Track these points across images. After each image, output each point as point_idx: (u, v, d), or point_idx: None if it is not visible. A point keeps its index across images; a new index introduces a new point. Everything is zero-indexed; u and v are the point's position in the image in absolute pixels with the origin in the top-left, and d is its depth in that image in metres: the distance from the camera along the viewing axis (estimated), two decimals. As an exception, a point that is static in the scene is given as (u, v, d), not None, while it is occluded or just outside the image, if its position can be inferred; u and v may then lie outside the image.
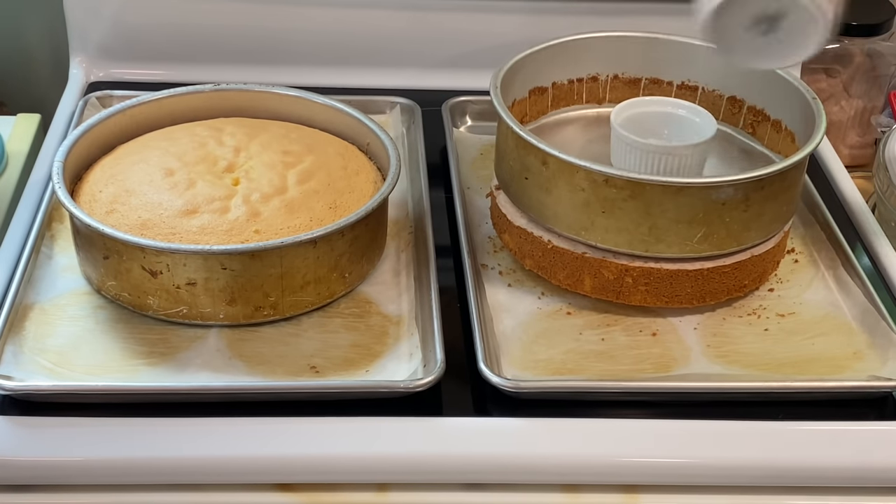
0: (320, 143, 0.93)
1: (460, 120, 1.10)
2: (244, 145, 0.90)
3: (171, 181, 0.86)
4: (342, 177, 0.89)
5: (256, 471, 0.75)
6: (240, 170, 0.88)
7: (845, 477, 0.77)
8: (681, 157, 0.87)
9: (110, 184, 0.87)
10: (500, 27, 1.15)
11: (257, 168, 0.88)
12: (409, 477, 0.76)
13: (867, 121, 1.25)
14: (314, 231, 0.81)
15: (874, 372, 0.82)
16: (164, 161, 0.88)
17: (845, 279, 0.90)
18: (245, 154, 0.90)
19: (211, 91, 0.96)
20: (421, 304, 0.85)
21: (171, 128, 0.94)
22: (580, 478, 0.77)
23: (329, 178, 0.88)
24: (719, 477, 0.77)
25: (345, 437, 0.76)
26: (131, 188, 0.85)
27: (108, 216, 0.84)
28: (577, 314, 0.87)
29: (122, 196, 0.85)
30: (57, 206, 0.93)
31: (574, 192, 0.84)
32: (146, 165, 0.88)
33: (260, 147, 0.90)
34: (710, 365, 0.83)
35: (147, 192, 0.85)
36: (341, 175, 0.89)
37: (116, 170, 0.88)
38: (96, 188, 0.87)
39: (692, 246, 0.84)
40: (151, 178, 0.86)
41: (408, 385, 0.77)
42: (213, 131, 0.92)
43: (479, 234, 0.94)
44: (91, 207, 0.85)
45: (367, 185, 0.89)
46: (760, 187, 0.83)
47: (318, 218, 0.84)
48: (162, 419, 0.76)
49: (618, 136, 0.89)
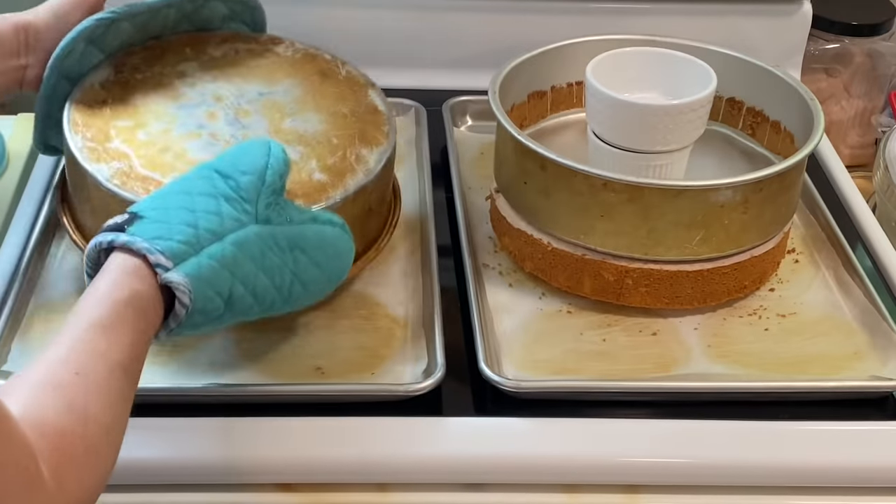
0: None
1: (461, 120, 1.10)
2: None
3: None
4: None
5: (257, 471, 0.75)
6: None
7: (845, 477, 0.77)
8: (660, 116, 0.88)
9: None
10: (500, 27, 1.16)
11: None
12: (410, 477, 0.76)
13: (867, 121, 1.25)
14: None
15: (874, 372, 0.82)
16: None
17: (846, 279, 0.90)
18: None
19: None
20: (424, 307, 0.85)
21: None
22: (580, 478, 0.77)
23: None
24: (719, 477, 0.77)
25: (346, 437, 0.76)
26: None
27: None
28: (577, 314, 0.87)
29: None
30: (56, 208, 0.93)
31: (573, 197, 0.84)
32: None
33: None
34: (710, 365, 0.83)
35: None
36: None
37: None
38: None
39: (691, 248, 0.84)
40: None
41: (407, 389, 0.77)
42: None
43: (479, 233, 0.94)
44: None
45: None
46: (759, 189, 0.83)
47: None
48: (162, 419, 0.76)
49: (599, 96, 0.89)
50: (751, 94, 0.98)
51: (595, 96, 0.89)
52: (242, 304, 0.70)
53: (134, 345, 0.64)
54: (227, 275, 0.68)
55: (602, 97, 0.88)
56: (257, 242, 0.70)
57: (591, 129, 0.91)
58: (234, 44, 0.92)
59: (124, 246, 0.66)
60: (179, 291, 0.66)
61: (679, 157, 0.90)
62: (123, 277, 0.65)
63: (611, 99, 0.87)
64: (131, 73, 0.87)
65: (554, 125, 1.01)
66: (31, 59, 0.83)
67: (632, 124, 0.88)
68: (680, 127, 0.87)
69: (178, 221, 0.68)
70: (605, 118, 0.89)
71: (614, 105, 0.88)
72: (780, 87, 0.94)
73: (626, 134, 0.88)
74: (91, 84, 0.85)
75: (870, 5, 1.25)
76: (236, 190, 0.70)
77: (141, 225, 0.67)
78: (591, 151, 0.92)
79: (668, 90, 0.91)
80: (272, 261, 0.71)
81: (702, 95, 0.87)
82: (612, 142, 0.89)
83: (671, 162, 0.89)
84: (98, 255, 0.68)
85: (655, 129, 0.87)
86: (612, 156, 0.89)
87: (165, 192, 0.71)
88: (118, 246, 0.67)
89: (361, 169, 0.83)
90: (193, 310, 0.67)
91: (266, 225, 0.71)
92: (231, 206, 0.70)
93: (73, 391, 0.59)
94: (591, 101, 0.90)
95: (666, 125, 0.87)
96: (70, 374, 0.60)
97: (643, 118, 0.87)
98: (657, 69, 0.92)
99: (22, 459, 0.54)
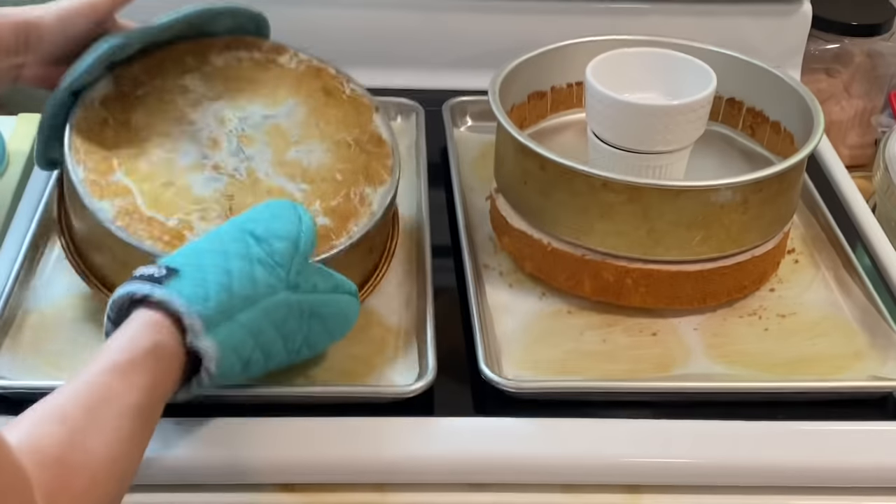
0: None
1: (460, 120, 1.10)
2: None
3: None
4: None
5: (257, 471, 0.75)
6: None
7: (845, 477, 0.77)
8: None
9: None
10: (500, 27, 1.16)
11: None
12: (410, 477, 0.76)
13: (867, 121, 1.25)
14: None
15: (874, 372, 0.82)
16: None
17: (846, 279, 0.90)
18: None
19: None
20: (419, 312, 0.85)
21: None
22: (580, 478, 0.77)
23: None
24: (719, 477, 0.77)
25: (345, 437, 0.76)
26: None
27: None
28: (577, 314, 0.87)
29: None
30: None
31: (573, 197, 0.84)
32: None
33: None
34: (710, 365, 0.83)
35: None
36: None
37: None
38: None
39: (691, 249, 0.84)
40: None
41: (397, 392, 0.77)
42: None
43: (479, 234, 0.94)
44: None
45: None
46: (759, 189, 0.83)
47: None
48: (162, 419, 0.76)
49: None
50: (751, 94, 0.98)
51: (595, 97, 0.89)
52: (256, 366, 0.71)
53: (151, 391, 0.64)
54: (252, 342, 0.70)
55: (602, 97, 0.88)
56: (283, 310, 0.71)
57: (590, 129, 0.91)
58: (236, 51, 0.90)
59: (160, 303, 0.67)
60: (207, 358, 0.67)
61: (679, 158, 0.90)
62: (149, 328, 0.66)
63: (611, 99, 0.87)
64: (132, 87, 0.85)
65: (554, 125, 1.01)
66: (28, 58, 0.83)
67: (632, 125, 0.88)
68: (680, 127, 0.87)
69: (214, 283, 0.68)
70: (605, 118, 0.89)
71: (614, 105, 0.88)
72: (780, 88, 0.94)
73: (626, 134, 0.88)
74: (91, 101, 0.83)
75: (870, 5, 1.25)
76: (270, 255, 0.71)
77: (178, 282, 0.67)
78: (591, 152, 0.92)
79: (668, 90, 0.91)
80: (290, 326, 0.72)
81: (702, 96, 0.87)
82: (611, 142, 0.89)
83: (671, 162, 0.89)
84: (123, 303, 0.68)
85: (655, 130, 0.87)
86: (612, 156, 0.89)
87: (200, 250, 0.71)
88: (153, 301, 0.67)
89: (365, 212, 0.82)
90: (215, 376, 0.68)
91: (294, 292, 0.71)
92: (265, 271, 0.70)
93: (78, 425, 0.60)
94: (590, 101, 0.90)
95: (666, 125, 0.87)
96: (78, 409, 0.60)
97: (643, 118, 0.87)
98: (657, 69, 0.92)
99: (16, 485, 0.53)
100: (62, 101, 0.82)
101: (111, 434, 0.61)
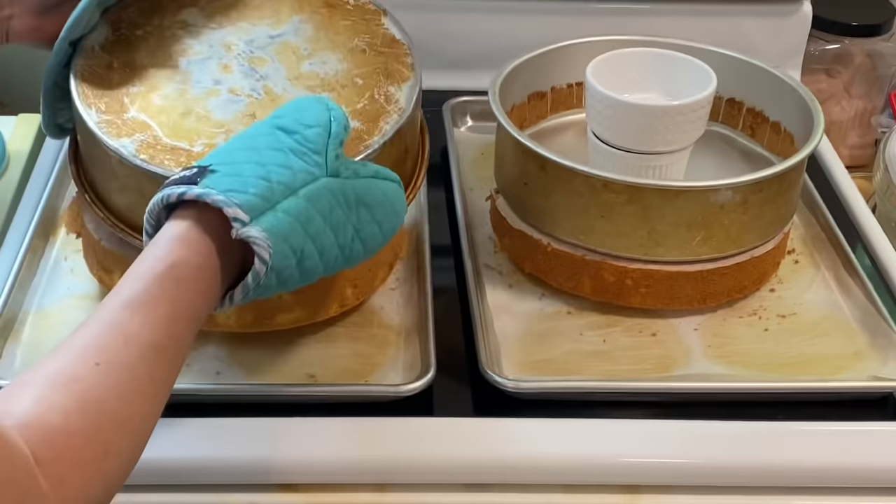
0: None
1: (461, 120, 1.10)
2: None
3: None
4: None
5: (257, 471, 0.75)
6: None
7: (845, 477, 0.77)
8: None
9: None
10: (500, 27, 1.16)
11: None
12: (410, 477, 0.76)
13: (867, 121, 1.25)
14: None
15: (874, 372, 0.82)
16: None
17: (846, 279, 0.90)
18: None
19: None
20: (419, 311, 0.85)
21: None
22: (580, 478, 0.77)
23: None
24: (719, 477, 0.77)
25: (345, 437, 0.76)
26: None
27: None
28: (577, 315, 0.87)
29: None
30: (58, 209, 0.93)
31: (573, 197, 0.84)
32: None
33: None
34: (710, 365, 0.83)
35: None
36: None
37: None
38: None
39: (691, 249, 0.84)
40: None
41: (398, 391, 0.77)
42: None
43: (480, 234, 0.94)
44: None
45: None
46: (759, 190, 0.83)
47: None
48: (162, 419, 0.75)
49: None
50: (751, 94, 0.98)
51: (595, 97, 0.89)
52: (311, 262, 0.67)
53: (172, 323, 0.60)
54: (301, 230, 0.65)
55: (602, 98, 0.88)
56: (327, 196, 0.67)
57: (590, 129, 0.91)
58: None
59: (197, 200, 0.63)
60: (259, 247, 0.63)
61: (679, 158, 0.90)
62: (170, 245, 0.62)
63: (611, 99, 0.87)
64: (130, 29, 0.83)
65: (554, 126, 1.01)
66: (15, 9, 0.80)
67: (632, 125, 0.88)
68: (680, 127, 0.87)
69: (250, 174, 0.64)
70: (605, 119, 0.89)
71: (614, 106, 0.88)
72: (780, 88, 0.94)
73: (626, 134, 0.88)
74: (91, 47, 0.81)
75: (870, 5, 1.25)
76: (303, 143, 0.67)
77: (213, 178, 0.64)
78: (591, 152, 0.92)
79: (668, 91, 0.91)
80: (338, 217, 0.68)
81: (702, 96, 0.87)
82: (612, 142, 0.89)
83: (671, 162, 0.89)
84: (159, 213, 0.65)
85: (655, 130, 0.87)
86: (612, 156, 0.89)
87: (231, 148, 0.68)
88: (189, 199, 0.63)
89: (394, 109, 0.79)
90: (271, 268, 0.64)
91: (336, 178, 0.68)
92: (301, 159, 0.67)
93: (88, 385, 0.55)
94: (590, 101, 0.90)
95: (666, 126, 0.87)
96: (89, 365, 0.56)
97: (643, 119, 0.87)
98: (657, 70, 0.92)
99: (15, 476, 0.51)
100: (61, 53, 0.79)
101: (126, 386, 0.57)
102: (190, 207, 0.64)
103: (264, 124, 0.69)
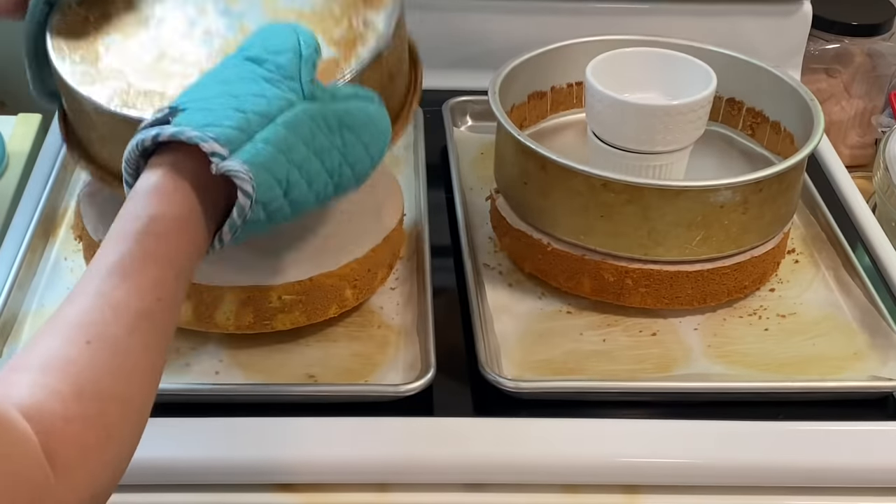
0: None
1: (461, 120, 1.10)
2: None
3: None
4: None
5: (256, 471, 0.75)
6: None
7: (845, 477, 0.77)
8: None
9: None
10: (500, 27, 1.16)
11: None
12: (410, 477, 0.76)
13: (867, 121, 1.25)
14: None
15: (874, 372, 0.82)
16: None
17: (846, 279, 0.90)
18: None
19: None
20: (419, 311, 0.85)
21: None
22: (580, 478, 0.77)
23: None
24: (719, 477, 0.77)
25: (345, 437, 0.76)
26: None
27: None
28: (577, 314, 0.87)
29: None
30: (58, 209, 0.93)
31: (573, 197, 0.84)
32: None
33: None
34: (710, 365, 0.83)
35: None
36: None
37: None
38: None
39: (691, 249, 0.84)
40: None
41: (397, 391, 0.77)
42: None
43: (479, 233, 0.94)
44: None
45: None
46: (758, 190, 0.83)
47: None
48: (162, 419, 0.75)
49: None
50: (751, 94, 0.98)
51: (595, 96, 0.89)
52: (299, 191, 0.65)
53: (160, 284, 0.58)
54: (283, 159, 0.63)
55: (602, 97, 0.88)
56: (307, 122, 0.65)
57: (590, 129, 0.91)
58: None
59: (172, 138, 0.61)
60: (240, 180, 0.61)
61: (679, 158, 0.90)
62: (144, 199, 0.60)
63: (611, 99, 0.87)
64: None
65: (554, 125, 1.01)
66: None
67: (632, 124, 0.88)
68: (680, 127, 0.87)
69: (222, 107, 0.62)
70: (605, 118, 0.89)
71: (614, 105, 0.88)
72: (780, 88, 0.94)
73: (626, 134, 0.88)
74: (68, 4, 0.80)
75: (870, 5, 1.26)
76: (275, 70, 0.66)
77: (185, 115, 0.62)
78: (591, 152, 0.92)
79: (668, 90, 0.91)
80: (322, 142, 0.66)
81: (702, 96, 0.87)
82: (611, 142, 0.89)
83: (671, 162, 0.89)
84: (137, 161, 0.63)
85: (655, 130, 0.87)
86: (612, 156, 0.89)
87: (201, 85, 0.66)
88: (164, 140, 0.61)
89: (372, 35, 0.77)
90: (256, 201, 0.62)
91: (313, 102, 0.66)
92: (275, 86, 0.65)
93: (83, 366, 0.54)
94: (590, 101, 0.90)
95: (666, 125, 0.87)
96: (80, 344, 0.54)
97: (643, 118, 0.87)
98: (657, 69, 0.92)
99: (23, 470, 0.49)
100: (38, 12, 0.78)
101: (121, 362, 0.55)
102: (165, 152, 0.62)
103: (233, 57, 0.68)
